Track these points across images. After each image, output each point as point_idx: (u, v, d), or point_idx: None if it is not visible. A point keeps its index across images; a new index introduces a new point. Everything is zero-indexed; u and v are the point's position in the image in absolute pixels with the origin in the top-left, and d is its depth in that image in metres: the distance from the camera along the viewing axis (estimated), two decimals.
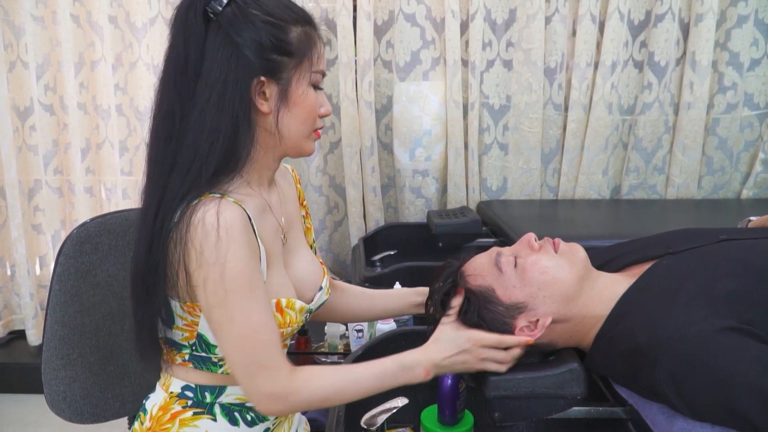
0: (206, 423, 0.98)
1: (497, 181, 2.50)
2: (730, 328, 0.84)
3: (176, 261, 0.87)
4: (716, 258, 0.99)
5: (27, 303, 2.55)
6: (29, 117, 2.44)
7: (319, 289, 1.08)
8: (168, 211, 0.87)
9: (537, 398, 0.97)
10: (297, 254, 1.07)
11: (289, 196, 1.12)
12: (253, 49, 0.87)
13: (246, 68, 0.87)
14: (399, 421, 1.23)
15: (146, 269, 0.90)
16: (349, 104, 2.35)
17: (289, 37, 0.90)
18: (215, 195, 0.87)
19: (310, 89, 0.94)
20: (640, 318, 0.93)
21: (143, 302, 0.92)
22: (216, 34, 0.87)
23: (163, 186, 0.89)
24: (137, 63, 2.44)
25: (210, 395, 0.98)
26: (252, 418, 1.01)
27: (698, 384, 0.82)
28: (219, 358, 0.96)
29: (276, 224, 1.01)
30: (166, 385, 1.01)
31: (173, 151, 0.88)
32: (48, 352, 1.07)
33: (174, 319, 0.96)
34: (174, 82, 0.89)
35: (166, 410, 0.99)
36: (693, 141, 2.35)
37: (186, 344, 0.97)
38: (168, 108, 0.89)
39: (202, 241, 0.84)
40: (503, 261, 1.02)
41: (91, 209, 2.55)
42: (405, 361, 0.95)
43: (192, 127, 0.87)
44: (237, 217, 0.85)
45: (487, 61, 2.36)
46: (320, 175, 2.53)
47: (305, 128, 0.95)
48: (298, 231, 1.12)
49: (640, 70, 2.35)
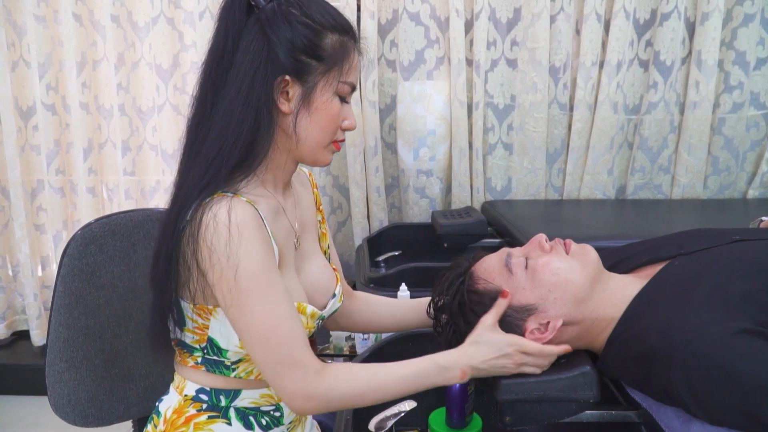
0: (221, 427, 0.97)
1: (502, 181, 2.49)
2: (746, 331, 0.82)
3: (189, 259, 0.86)
4: (730, 259, 0.97)
5: (31, 303, 2.54)
6: (32, 117, 2.43)
7: (333, 296, 1.07)
8: (184, 207, 0.87)
9: (549, 402, 0.96)
10: (310, 260, 1.06)
11: (305, 200, 1.11)
12: (284, 48, 0.87)
13: (274, 65, 0.87)
14: (407, 424, 1.22)
15: (160, 266, 0.89)
16: (353, 104, 2.33)
17: (323, 42, 0.90)
18: (227, 194, 0.87)
19: (335, 99, 0.93)
20: (653, 320, 0.92)
21: (156, 300, 0.92)
22: (253, 26, 0.88)
23: (185, 176, 0.89)
24: (139, 62, 2.43)
25: (225, 399, 0.97)
26: (267, 422, 1.00)
27: (714, 387, 0.81)
28: (232, 362, 0.95)
29: (289, 227, 1.00)
30: (180, 387, 1.00)
31: (201, 139, 0.89)
32: (52, 355, 1.06)
33: (185, 320, 0.95)
34: (210, 70, 0.90)
35: (181, 413, 0.97)
36: (699, 140, 2.33)
37: (197, 347, 0.96)
38: (201, 94, 0.91)
39: (214, 239, 0.83)
40: (514, 262, 1.00)
41: (93, 210, 2.53)
42: (441, 362, 0.92)
43: (221, 116, 0.87)
44: (249, 215, 0.85)
45: (491, 60, 2.35)
46: (324, 174, 2.51)
47: (324, 137, 0.94)
48: (313, 236, 1.10)
49: (645, 70, 2.34)
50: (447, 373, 0.92)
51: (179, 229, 0.86)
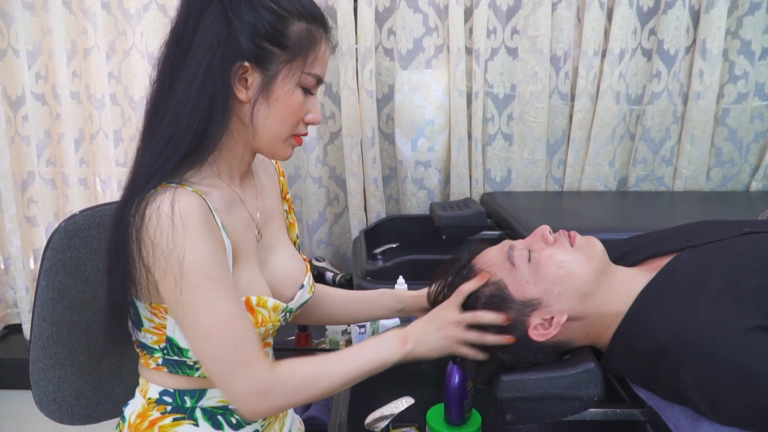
0: (188, 429, 0.93)
1: (501, 172, 2.45)
2: (760, 328, 0.79)
3: (134, 256, 0.82)
4: (741, 252, 0.93)
5: (23, 297, 2.51)
6: (21, 107, 2.38)
7: (301, 287, 1.03)
8: (130, 199, 0.83)
9: (551, 400, 0.93)
10: (276, 251, 1.02)
11: (269, 189, 1.07)
12: (245, 32, 0.82)
13: (233, 49, 0.83)
14: (404, 420, 1.20)
15: (110, 264, 0.86)
16: (350, 93, 2.30)
17: (288, 29, 0.85)
18: (172, 184, 0.82)
19: (297, 90, 0.88)
20: (661, 316, 0.88)
21: (109, 300, 0.89)
22: (215, 7, 0.83)
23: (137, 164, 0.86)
24: (131, 51, 2.37)
25: (190, 399, 0.94)
26: (237, 421, 0.96)
27: (726, 387, 0.77)
28: (194, 362, 0.91)
29: (248, 218, 0.96)
30: (143, 390, 0.96)
31: (156, 124, 0.85)
32: (36, 351, 1.02)
33: (142, 320, 0.91)
34: (169, 51, 0.85)
35: (144, 417, 0.94)
36: (702, 132, 2.29)
37: (157, 348, 0.92)
38: (160, 76, 0.86)
39: (157, 232, 0.79)
40: (516, 255, 0.96)
41: (85, 202, 2.49)
42: (382, 335, 0.93)
43: (176, 101, 0.83)
44: (194, 205, 0.80)
45: (491, 48, 2.30)
46: (320, 166, 2.47)
47: (283, 130, 0.89)
48: (278, 226, 1.06)
49: (648, 59, 2.29)
50: (386, 341, 0.92)
51: (125, 223, 0.82)
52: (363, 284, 1.73)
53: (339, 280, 2.25)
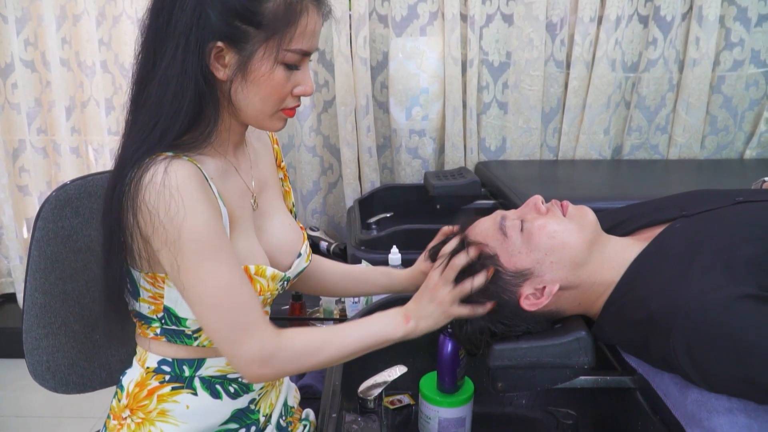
0: (186, 398, 0.93)
1: (496, 141, 2.44)
2: (751, 296, 0.79)
3: (131, 226, 0.81)
4: (734, 221, 0.93)
5: (16, 266, 2.52)
6: (11, 74, 2.35)
7: (298, 255, 1.03)
8: (125, 168, 0.81)
9: (542, 368, 0.94)
10: (272, 219, 1.01)
11: (264, 157, 1.06)
12: (216, 10, 0.79)
13: (205, 29, 0.80)
14: (397, 388, 1.20)
15: (106, 233, 0.85)
16: (344, 61, 2.27)
17: (262, 7, 0.80)
18: (168, 154, 0.81)
19: (278, 68, 0.84)
20: (653, 285, 0.88)
21: (106, 270, 0.88)
22: None
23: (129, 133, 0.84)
24: (121, 17, 2.33)
25: (188, 369, 0.94)
26: (235, 389, 0.97)
27: (716, 354, 0.78)
28: (192, 331, 0.91)
29: (243, 187, 0.95)
30: (141, 360, 0.96)
31: (143, 100, 0.84)
32: (29, 321, 1.02)
33: (139, 290, 0.91)
34: (150, 21, 0.83)
35: (143, 386, 0.94)
36: (697, 99, 2.28)
37: (155, 318, 0.92)
38: (144, 46, 0.84)
39: (154, 201, 0.78)
40: (508, 225, 0.96)
41: (78, 170, 2.48)
42: (386, 312, 0.93)
43: (159, 80, 0.81)
44: (190, 174, 0.80)
45: (486, 15, 2.27)
46: (314, 135, 2.45)
47: (266, 107, 0.87)
48: (274, 195, 1.05)
49: (645, 26, 2.27)
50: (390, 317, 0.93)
51: (120, 192, 0.81)
52: (357, 254, 1.73)
53: (333, 249, 2.25)
